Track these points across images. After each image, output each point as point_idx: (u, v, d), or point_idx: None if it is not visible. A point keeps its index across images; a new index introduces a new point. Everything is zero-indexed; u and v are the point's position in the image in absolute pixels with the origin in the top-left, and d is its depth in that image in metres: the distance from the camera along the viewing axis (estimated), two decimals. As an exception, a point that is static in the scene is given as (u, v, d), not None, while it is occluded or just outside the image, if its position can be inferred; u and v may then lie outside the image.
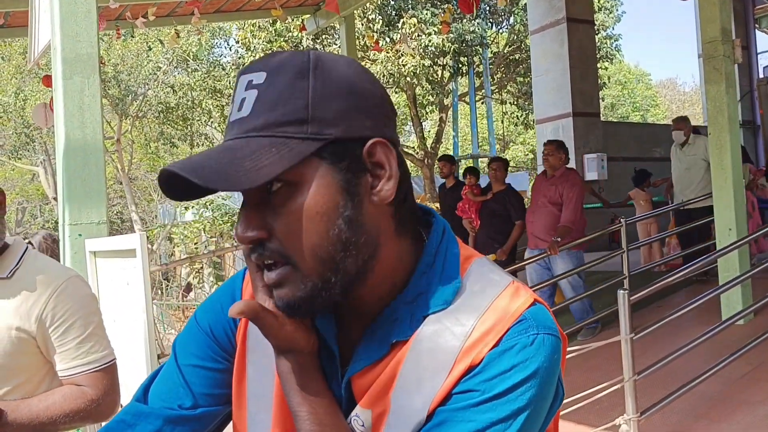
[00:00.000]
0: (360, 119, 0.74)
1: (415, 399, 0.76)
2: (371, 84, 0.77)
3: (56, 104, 3.19)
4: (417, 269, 0.80)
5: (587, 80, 10.13)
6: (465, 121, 23.43)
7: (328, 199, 0.72)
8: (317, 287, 0.74)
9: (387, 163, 0.75)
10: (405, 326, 0.78)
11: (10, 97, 17.76)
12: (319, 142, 0.72)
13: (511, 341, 0.74)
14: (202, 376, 0.89)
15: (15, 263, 1.67)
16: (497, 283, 0.79)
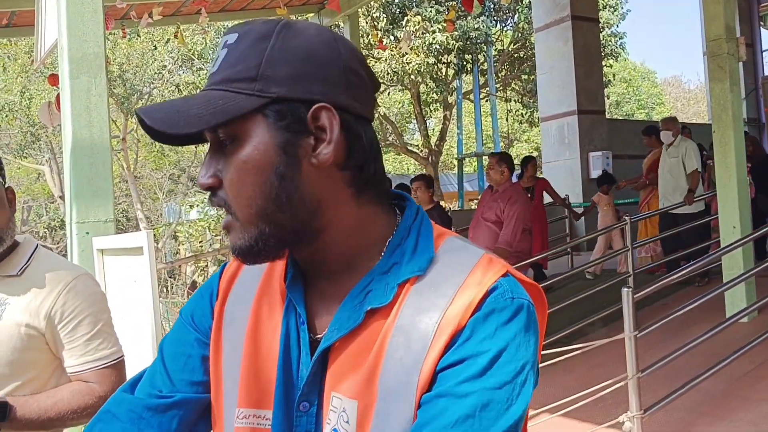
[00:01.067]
0: (310, 83, 0.77)
1: (402, 382, 0.76)
2: (338, 55, 0.79)
3: (63, 103, 3.21)
4: (390, 242, 0.83)
5: (592, 78, 10.12)
6: (469, 119, 23.41)
7: (264, 155, 0.77)
8: (253, 237, 0.78)
9: (329, 128, 0.77)
10: (380, 293, 0.80)
11: (15, 96, 17.82)
12: (263, 100, 0.76)
13: (491, 305, 0.76)
14: (182, 362, 0.91)
15: (25, 261, 1.69)
16: (472, 254, 0.82)
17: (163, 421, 0.89)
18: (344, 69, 0.79)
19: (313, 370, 0.81)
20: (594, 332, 5.98)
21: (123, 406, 0.91)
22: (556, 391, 4.54)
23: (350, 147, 0.79)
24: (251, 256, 0.80)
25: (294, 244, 0.81)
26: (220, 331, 0.90)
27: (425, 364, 0.76)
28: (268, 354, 0.85)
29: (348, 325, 0.80)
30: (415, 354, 0.76)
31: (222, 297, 0.91)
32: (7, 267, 1.67)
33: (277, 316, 0.86)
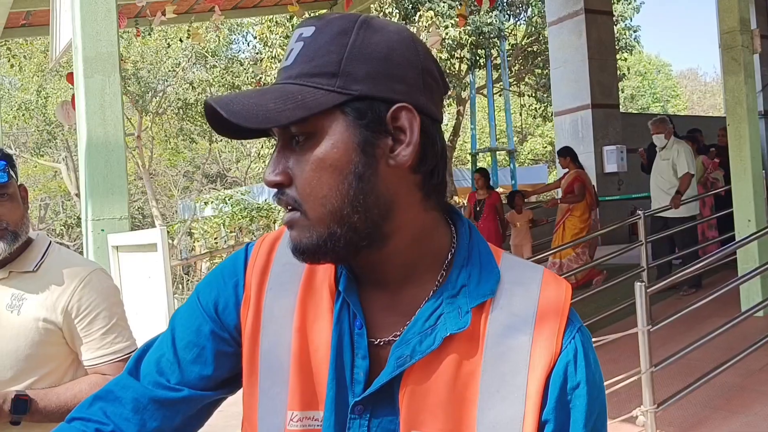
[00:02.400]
0: (390, 82, 0.75)
1: (503, 411, 0.78)
2: (416, 55, 0.77)
3: (78, 102, 3.25)
4: (455, 263, 0.82)
5: (606, 71, 10.06)
6: (482, 114, 23.35)
7: (343, 153, 0.74)
8: (323, 237, 0.76)
9: (409, 129, 0.75)
10: (454, 318, 0.79)
11: (32, 95, 17.99)
12: (344, 96, 0.73)
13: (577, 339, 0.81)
14: (195, 353, 0.88)
15: (40, 257, 1.72)
16: (533, 271, 0.85)
17: (167, 415, 0.87)
18: (422, 70, 0.77)
19: (382, 386, 0.80)
20: (607, 327, 5.97)
21: (128, 391, 0.88)
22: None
23: (425, 150, 0.77)
24: (315, 255, 0.77)
25: (362, 247, 0.78)
26: (258, 328, 0.86)
27: (528, 401, 0.78)
28: (317, 354, 0.83)
29: (422, 350, 0.78)
30: (515, 389, 0.78)
31: (257, 293, 0.87)
32: (23, 263, 1.70)
33: (325, 316, 0.84)
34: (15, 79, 18.95)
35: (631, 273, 6.10)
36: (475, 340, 0.79)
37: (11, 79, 18.96)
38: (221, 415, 1.11)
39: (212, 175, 25.81)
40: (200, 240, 20.35)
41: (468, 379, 0.79)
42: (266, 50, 14.77)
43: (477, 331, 0.80)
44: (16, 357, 1.63)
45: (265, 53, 14.69)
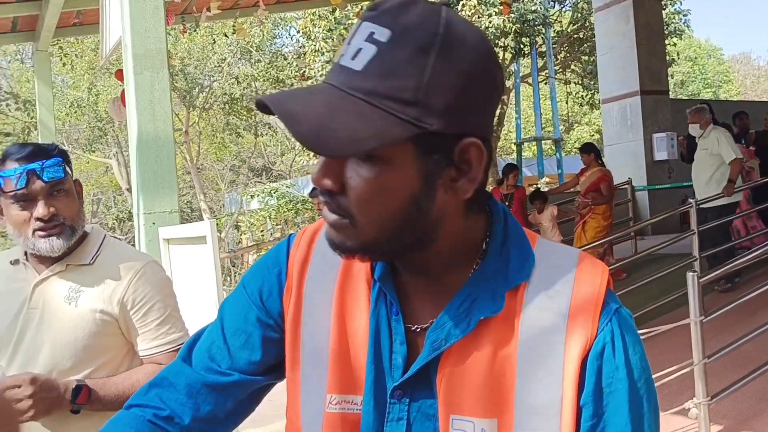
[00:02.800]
0: (465, 115, 0.73)
1: (545, 399, 0.78)
2: (492, 75, 0.75)
3: (128, 99, 3.33)
4: (490, 248, 0.83)
5: (655, 57, 9.82)
6: (527, 103, 23.07)
7: (407, 184, 0.73)
8: (367, 245, 0.77)
9: (476, 165, 0.75)
10: (488, 302, 0.80)
11: (83, 92, 18.46)
12: (418, 130, 0.71)
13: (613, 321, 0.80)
14: (243, 339, 0.91)
15: (96, 250, 1.77)
16: (569, 254, 0.84)
17: (219, 399, 0.91)
18: (494, 87, 0.76)
19: (419, 369, 0.81)
20: (657, 318, 5.85)
21: (182, 377, 0.92)
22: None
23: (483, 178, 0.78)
24: (351, 255, 0.79)
25: (405, 253, 0.80)
26: (299, 314, 0.89)
27: (565, 383, 0.78)
28: (356, 340, 0.85)
29: (457, 334, 0.80)
30: (552, 372, 0.78)
31: (298, 281, 0.90)
32: (79, 256, 1.75)
33: (363, 303, 0.86)
34: (67, 78, 19.47)
35: (681, 263, 5.97)
36: (511, 324, 0.80)
37: (63, 77, 19.49)
38: (270, 404, 1.13)
39: (258, 168, 26.12)
40: (247, 233, 20.63)
41: (505, 362, 0.79)
42: (310, 44, 14.86)
43: (512, 314, 0.80)
44: (74, 347, 1.68)
45: (309, 47, 14.79)
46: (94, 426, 1.67)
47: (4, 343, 1.70)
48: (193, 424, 0.90)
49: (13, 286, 1.73)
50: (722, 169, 6.50)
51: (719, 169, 6.51)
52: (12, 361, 1.70)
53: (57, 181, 1.67)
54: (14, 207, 1.66)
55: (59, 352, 1.68)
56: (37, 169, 1.63)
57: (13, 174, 1.62)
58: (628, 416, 0.79)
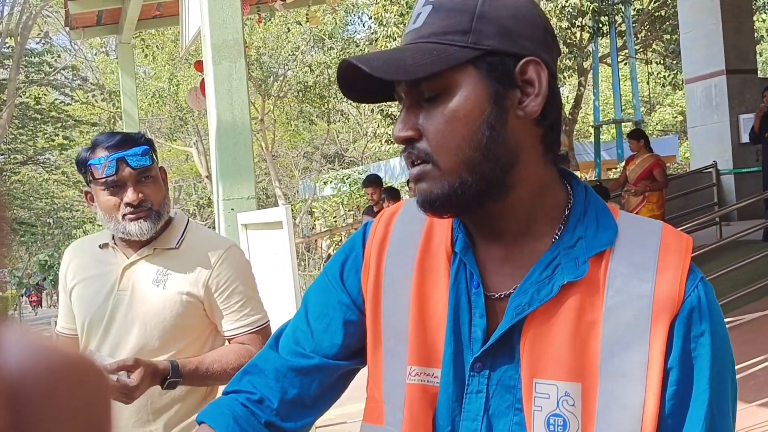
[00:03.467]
0: (519, 39, 0.79)
1: (627, 359, 0.79)
2: (538, 15, 0.82)
3: (207, 88, 3.42)
4: (571, 216, 0.84)
5: (742, 34, 9.35)
6: (606, 84, 22.39)
7: (476, 104, 0.79)
8: (454, 186, 0.80)
9: (537, 81, 0.79)
10: (571, 267, 0.81)
11: (164, 82, 19.07)
12: (477, 52, 0.78)
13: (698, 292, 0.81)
14: (325, 323, 0.95)
15: (180, 234, 1.84)
16: (653, 225, 0.85)
17: (304, 383, 0.94)
18: (545, 29, 0.82)
19: (500, 337, 0.82)
20: (743, 306, 5.62)
21: (270, 363, 0.96)
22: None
23: (549, 103, 0.81)
24: (444, 206, 0.81)
25: (488, 197, 0.82)
26: (379, 291, 0.92)
27: (652, 347, 0.79)
28: (435, 314, 0.87)
29: (540, 298, 0.81)
30: (638, 336, 0.79)
31: (377, 259, 0.93)
32: (166, 240, 1.82)
33: (442, 278, 0.87)
34: (149, 69, 20.14)
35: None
36: (596, 290, 0.81)
37: (145, 68, 20.17)
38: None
39: (330, 155, 26.41)
40: (320, 218, 20.94)
41: (590, 328, 0.80)
42: (381, 29, 14.85)
43: (597, 280, 0.81)
44: (162, 327, 1.76)
45: (381, 32, 14.77)
46: (177, 396, 1.76)
47: (96, 323, 1.79)
48: (282, 406, 0.93)
49: (103, 269, 1.82)
50: None
51: None
52: (104, 341, 1.79)
53: (144, 168, 1.74)
54: (104, 193, 1.74)
55: (148, 332, 1.76)
56: (126, 157, 1.71)
57: (104, 161, 1.70)
58: (708, 381, 0.79)
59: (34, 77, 18.32)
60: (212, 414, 0.93)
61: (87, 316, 1.80)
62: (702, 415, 0.79)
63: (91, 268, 1.84)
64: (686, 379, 0.80)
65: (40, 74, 18.24)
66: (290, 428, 0.94)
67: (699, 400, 0.80)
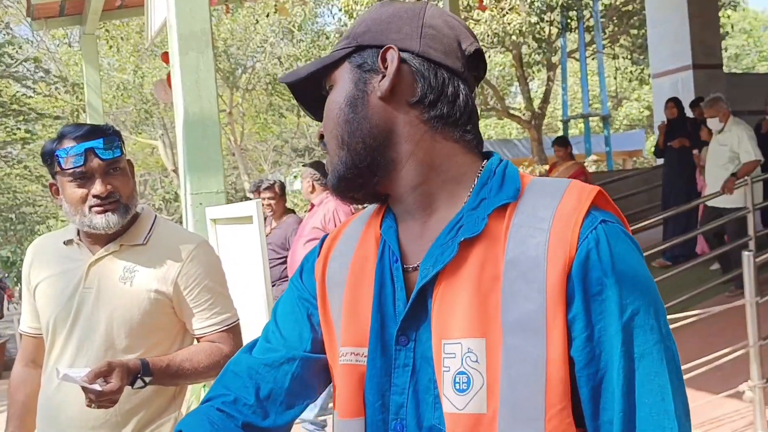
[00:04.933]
0: (387, 33, 0.90)
1: (529, 316, 0.78)
2: (418, 13, 0.91)
3: (174, 80, 3.34)
4: (478, 182, 0.88)
5: (708, 30, 9.50)
6: (574, 79, 22.60)
7: (343, 92, 0.90)
8: (337, 165, 0.91)
9: (390, 64, 0.88)
10: (471, 225, 0.84)
11: (129, 74, 18.76)
12: (349, 49, 0.91)
13: (590, 235, 0.80)
14: (292, 320, 1.00)
15: (148, 230, 1.79)
16: (562, 181, 0.86)
17: (277, 377, 0.95)
18: (422, 25, 0.90)
19: (412, 306, 0.85)
20: (712, 298, 5.71)
21: (242, 364, 0.99)
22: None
23: (415, 84, 0.88)
24: (342, 188, 0.92)
25: (372, 173, 0.89)
26: (324, 284, 0.97)
27: (549, 296, 0.78)
28: (365, 294, 0.91)
29: (443, 259, 0.83)
30: (535, 286, 0.78)
31: (324, 254, 1.00)
32: (133, 236, 1.77)
33: (371, 260, 0.92)
34: (113, 60, 19.80)
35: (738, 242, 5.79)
36: (497, 244, 0.82)
37: (110, 60, 19.82)
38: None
39: (300, 149, 26.27)
40: (291, 212, 20.79)
41: (492, 282, 0.81)
42: (352, 22, 14.78)
43: (498, 235, 0.82)
44: (129, 326, 1.71)
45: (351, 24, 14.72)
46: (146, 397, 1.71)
47: (60, 322, 1.73)
48: (258, 403, 0.95)
49: (67, 266, 1.76)
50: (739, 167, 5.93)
51: (736, 168, 5.93)
52: (69, 340, 1.73)
53: (114, 160, 1.68)
54: (71, 185, 1.68)
55: (115, 330, 1.70)
56: (95, 148, 1.65)
57: (72, 152, 1.64)
58: (620, 325, 0.77)
59: (-6, 69, 17.86)
60: (189, 422, 0.94)
61: (52, 315, 1.74)
62: (618, 363, 0.77)
63: (55, 265, 1.78)
64: (594, 326, 0.77)
65: (0, 66, 17.78)
66: (269, 427, 0.94)
67: (612, 347, 0.77)
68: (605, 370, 0.78)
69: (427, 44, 0.89)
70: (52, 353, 1.76)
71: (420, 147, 0.88)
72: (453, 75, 0.89)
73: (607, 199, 0.86)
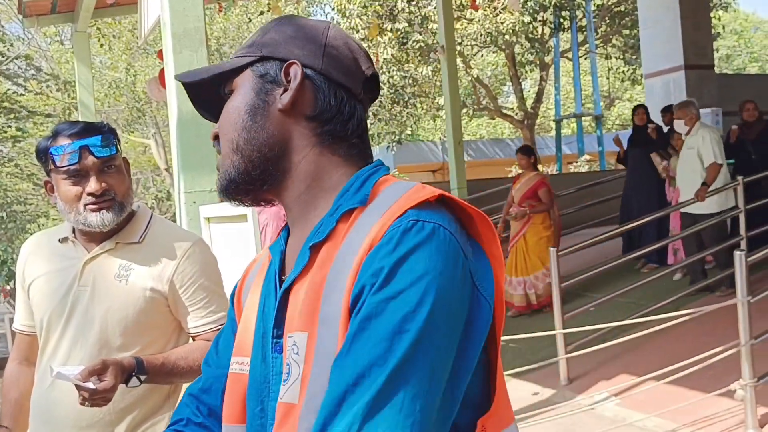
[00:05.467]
0: (291, 47, 0.93)
1: (335, 309, 0.80)
2: (321, 33, 0.94)
3: (168, 78, 3.33)
4: (341, 189, 0.90)
5: (700, 30, 9.54)
6: (567, 79, 22.67)
7: (245, 99, 0.92)
8: (229, 170, 0.92)
9: (293, 79, 0.90)
10: (321, 231, 0.87)
11: (121, 73, 18.67)
12: (252, 57, 0.94)
13: (393, 228, 0.79)
14: (225, 338, 1.07)
15: (144, 228, 1.78)
16: (408, 185, 0.87)
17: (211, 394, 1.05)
18: (324, 44, 0.93)
19: (277, 313, 0.88)
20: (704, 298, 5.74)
21: (192, 386, 1.10)
22: (664, 358, 4.39)
23: (315, 100, 0.91)
24: (229, 190, 0.93)
25: (263, 182, 0.92)
26: (240, 304, 1.04)
27: (346, 292, 0.79)
28: (253, 306, 0.97)
29: (300, 265, 0.87)
30: (341, 284, 0.80)
31: (243, 275, 1.07)
32: (129, 234, 1.76)
33: (262, 275, 0.98)
34: (105, 58, 19.70)
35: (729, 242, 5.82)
36: (337, 246, 0.84)
37: (102, 58, 19.72)
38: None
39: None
40: (284, 211, 20.75)
41: (321, 281, 0.83)
42: (344, 21, 14.76)
43: (339, 239, 0.84)
44: (125, 324, 1.70)
45: (344, 24, 14.69)
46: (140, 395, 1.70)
47: (54, 320, 1.73)
48: (205, 420, 1.04)
49: (62, 264, 1.75)
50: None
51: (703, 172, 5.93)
52: (62, 339, 1.72)
53: (109, 157, 1.68)
54: (66, 182, 1.67)
55: (110, 329, 1.70)
56: (89, 145, 1.64)
57: (67, 149, 1.64)
58: (359, 319, 0.75)
59: (-15, 66, 17.74)
60: None
61: (46, 313, 1.74)
62: (339, 357, 0.76)
63: (50, 263, 1.77)
64: (361, 320, 0.75)
65: (-9, 63, 17.67)
66: None
67: (345, 341, 0.76)
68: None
69: (329, 63, 0.92)
70: (46, 351, 1.76)
71: (306, 159, 0.91)
72: (351, 96, 0.93)
73: (449, 201, 0.84)
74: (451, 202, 0.85)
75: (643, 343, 4.70)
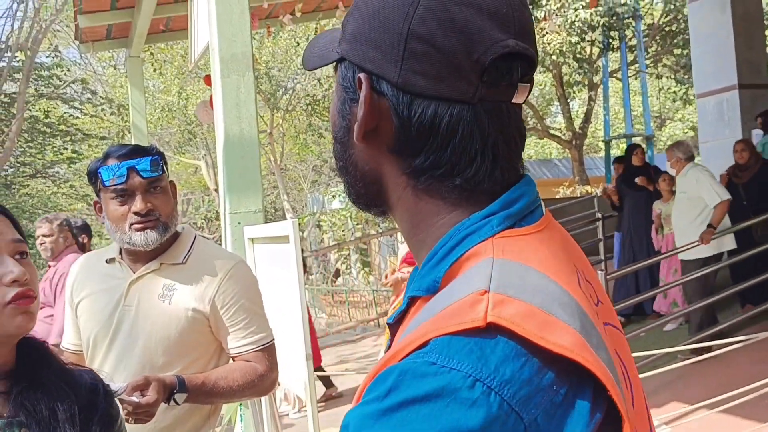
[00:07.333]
0: (366, 47, 0.67)
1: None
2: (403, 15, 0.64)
3: (215, 101, 3.40)
4: (430, 253, 0.68)
5: (754, 48, 9.31)
6: (616, 99, 22.35)
7: (334, 115, 0.74)
8: (347, 189, 0.75)
9: (360, 101, 0.67)
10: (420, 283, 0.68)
11: (173, 96, 19.16)
12: (335, 55, 0.71)
13: (401, 364, 0.56)
14: None
15: (187, 249, 1.82)
16: (469, 287, 0.59)
17: None
18: (406, 36, 0.64)
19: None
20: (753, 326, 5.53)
21: None
22: (716, 387, 4.25)
23: (393, 127, 0.67)
24: (359, 205, 0.76)
25: (374, 204, 0.74)
26: None
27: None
28: None
29: (399, 311, 0.72)
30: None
31: None
32: (172, 255, 1.80)
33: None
34: (158, 82, 20.26)
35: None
36: (397, 338, 0.71)
37: (155, 82, 20.28)
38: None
39: (340, 168, 26.38)
40: (328, 232, 20.90)
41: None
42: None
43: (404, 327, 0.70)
44: (167, 344, 1.73)
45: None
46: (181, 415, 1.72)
47: (101, 338, 1.76)
48: None
49: (109, 283, 1.80)
50: (707, 212, 5.62)
51: (702, 213, 5.63)
52: (107, 356, 1.76)
53: (154, 178, 1.73)
54: (113, 202, 1.72)
55: (153, 347, 1.72)
56: (136, 166, 1.69)
57: (114, 170, 1.69)
58: None
59: (43, 91, 18.43)
60: None
61: (92, 331, 1.78)
62: None
63: (97, 282, 1.82)
64: None
65: (49, 88, 18.34)
66: None
67: None
68: None
69: (410, 69, 0.64)
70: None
71: (402, 202, 0.70)
72: (451, 104, 0.65)
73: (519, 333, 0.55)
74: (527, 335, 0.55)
75: (694, 370, 4.55)
